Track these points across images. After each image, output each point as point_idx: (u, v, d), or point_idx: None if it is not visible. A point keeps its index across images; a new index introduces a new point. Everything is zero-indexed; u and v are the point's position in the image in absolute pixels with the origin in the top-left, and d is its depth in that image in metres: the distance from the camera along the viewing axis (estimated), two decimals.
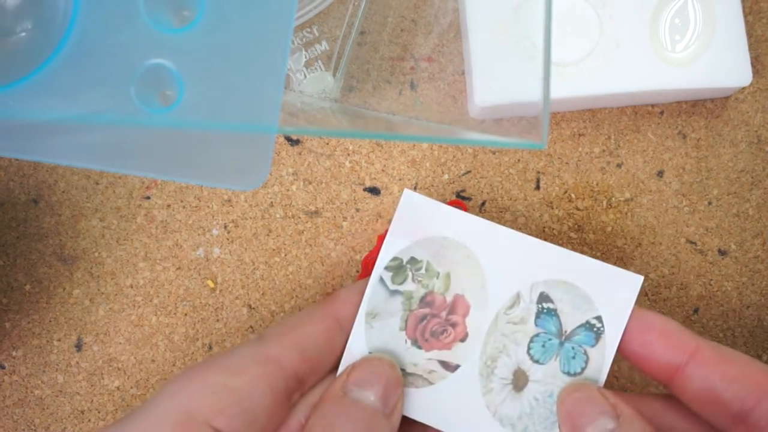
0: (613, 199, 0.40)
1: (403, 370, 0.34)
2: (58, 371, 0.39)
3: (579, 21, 0.37)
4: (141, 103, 0.28)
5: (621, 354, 0.30)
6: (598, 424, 0.27)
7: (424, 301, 0.34)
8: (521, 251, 0.33)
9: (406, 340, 0.34)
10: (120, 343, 0.39)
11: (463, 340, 0.34)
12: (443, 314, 0.34)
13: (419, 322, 0.34)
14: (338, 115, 0.37)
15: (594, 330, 0.31)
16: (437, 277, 0.34)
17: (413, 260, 0.34)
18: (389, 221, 0.39)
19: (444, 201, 0.39)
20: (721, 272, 0.40)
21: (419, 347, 0.34)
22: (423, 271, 0.34)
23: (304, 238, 0.39)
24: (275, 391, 0.28)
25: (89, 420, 0.39)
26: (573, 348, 0.32)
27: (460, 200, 0.39)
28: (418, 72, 0.39)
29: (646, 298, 0.39)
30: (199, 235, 0.39)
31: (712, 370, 0.27)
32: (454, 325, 0.34)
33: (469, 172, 0.39)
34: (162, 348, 0.39)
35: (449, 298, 0.34)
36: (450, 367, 0.34)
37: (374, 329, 0.33)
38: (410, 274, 0.34)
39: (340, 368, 0.31)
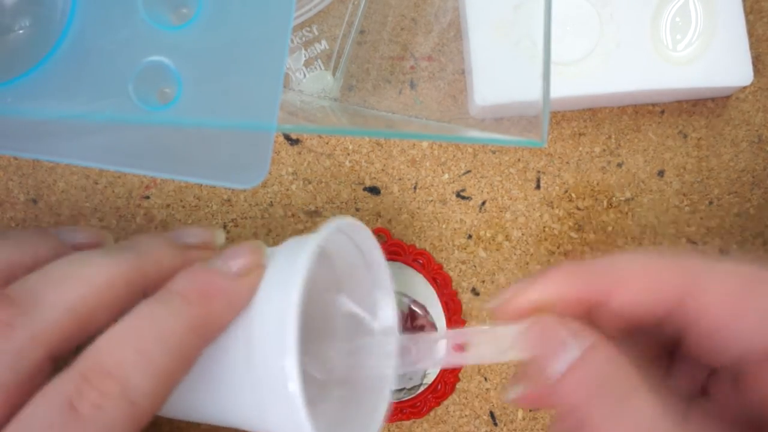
0: (614, 198, 0.39)
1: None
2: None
3: (579, 20, 0.37)
4: (139, 100, 0.28)
5: None
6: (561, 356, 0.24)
7: None
8: None
9: None
10: None
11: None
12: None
13: None
14: (338, 114, 0.37)
15: None
16: None
17: None
18: (388, 221, 0.39)
19: (443, 201, 0.39)
20: None
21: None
22: None
23: None
24: None
25: None
26: None
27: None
28: (418, 71, 0.39)
29: None
30: None
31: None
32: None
33: (469, 171, 0.39)
34: None
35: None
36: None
37: None
38: None
39: None
